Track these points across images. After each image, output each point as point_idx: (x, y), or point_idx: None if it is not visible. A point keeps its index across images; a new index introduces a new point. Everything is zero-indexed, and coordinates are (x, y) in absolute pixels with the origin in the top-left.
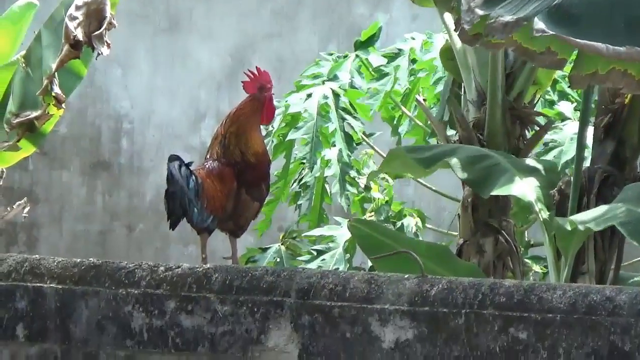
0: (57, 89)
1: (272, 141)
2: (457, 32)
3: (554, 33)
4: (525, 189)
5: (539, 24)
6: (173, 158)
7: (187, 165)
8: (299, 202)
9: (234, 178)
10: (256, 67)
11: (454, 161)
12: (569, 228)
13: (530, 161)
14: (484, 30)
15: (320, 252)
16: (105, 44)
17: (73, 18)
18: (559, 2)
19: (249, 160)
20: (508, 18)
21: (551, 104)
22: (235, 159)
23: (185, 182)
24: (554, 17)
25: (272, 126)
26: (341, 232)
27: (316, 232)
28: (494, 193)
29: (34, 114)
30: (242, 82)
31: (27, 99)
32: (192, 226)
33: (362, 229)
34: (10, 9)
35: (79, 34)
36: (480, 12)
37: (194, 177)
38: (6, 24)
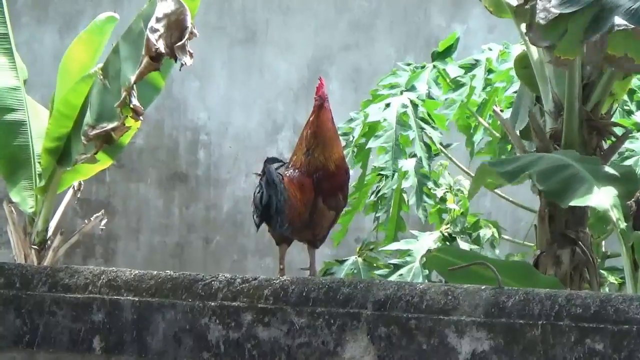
0: (135, 101)
1: (353, 151)
2: (529, 35)
3: (634, 26)
4: (603, 199)
5: (618, 20)
6: (271, 161)
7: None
8: (376, 215)
9: (313, 188)
10: (320, 77)
11: (534, 173)
12: None
13: (609, 168)
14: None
15: (397, 266)
16: (188, 53)
17: (154, 30)
18: (636, 7)
19: (329, 168)
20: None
21: (629, 113)
22: (316, 167)
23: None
24: (631, 20)
25: (353, 136)
26: (417, 246)
27: (393, 246)
28: (572, 204)
29: (111, 125)
30: (319, 83)
31: (104, 110)
32: (273, 231)
33: (440, 257)
34: (93, 22)
35: (161, 46)
36: (556, 11)
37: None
38: (88, 37)
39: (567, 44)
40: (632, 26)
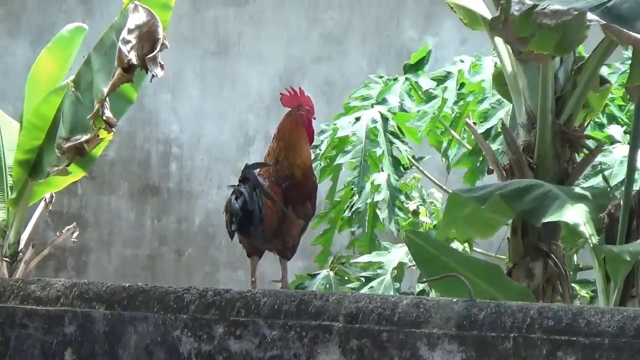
0: (108, 113)
1: (320, 164)
2: (504, 35)
3: (605, 22)
4: (575, 215)
5: (591, 15)
6: (253, 167)
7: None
8: (351, 230)
9: (282, 197)
10: (300, 87)
11: (505, 195)
12: (617, 252)
13: (579, 189)
14: (532, 21)
15: (368, 279)
16: (159, 65)
17: (126, 42)
18: (610, 5)
19: (296, 175)
20: (559, 6)
21: (600, 127)
22: (285, 174)
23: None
24: (604, 16)
25: (320, 149)
26: (389, 258)
27: (364, 258)
28: (546, 220)
29: (84, 137)
30: (280, 93)
31: (77, 123)
32: (248, 238)
33: (417, 241)
34: (60, 33)
35: (133, 58)
36: (530, 2)
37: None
38: (56, 49)
39: (540, 38)
40: (604, 22)
